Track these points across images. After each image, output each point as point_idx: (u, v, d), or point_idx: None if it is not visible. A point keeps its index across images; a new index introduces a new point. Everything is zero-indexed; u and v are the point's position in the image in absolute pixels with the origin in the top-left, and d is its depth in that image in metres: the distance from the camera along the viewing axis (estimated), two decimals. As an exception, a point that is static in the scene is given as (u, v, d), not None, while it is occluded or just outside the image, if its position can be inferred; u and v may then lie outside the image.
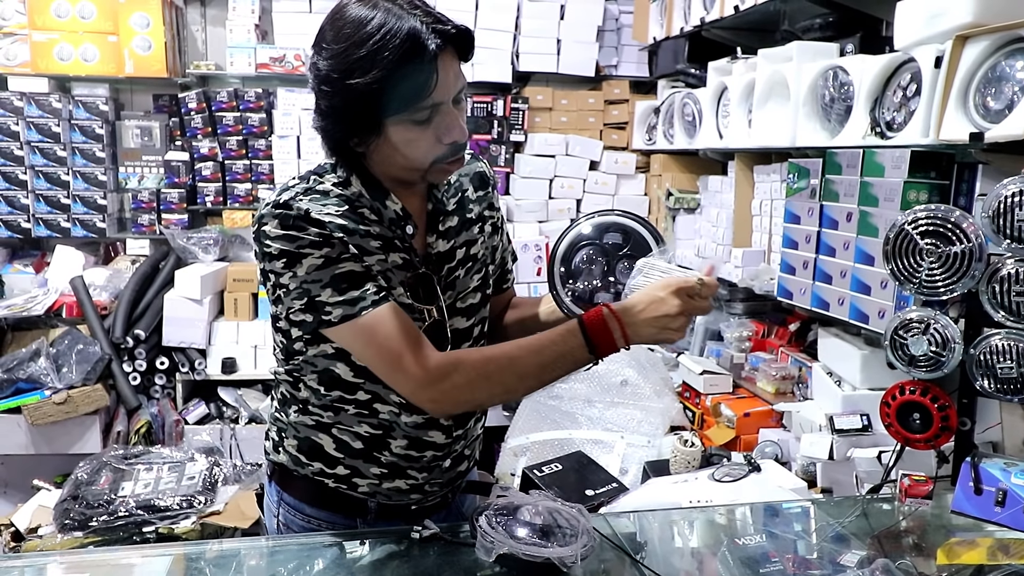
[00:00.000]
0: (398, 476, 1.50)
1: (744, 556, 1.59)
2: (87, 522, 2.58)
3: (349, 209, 1.32)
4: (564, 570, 1.30)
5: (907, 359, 1.78)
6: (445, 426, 1.48)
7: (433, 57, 1.22)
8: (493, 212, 1.56)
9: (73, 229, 3.81)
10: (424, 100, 1.24)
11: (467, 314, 1.48)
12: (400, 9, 1.22)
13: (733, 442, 2.69)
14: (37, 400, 3.15)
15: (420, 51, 1.20)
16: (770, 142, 2.72)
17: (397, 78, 1.20)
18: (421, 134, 1.27)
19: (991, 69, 1.84)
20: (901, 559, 1.59)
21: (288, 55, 3.87)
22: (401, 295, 1.36)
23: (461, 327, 1.47)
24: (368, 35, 1.20)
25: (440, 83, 1.24)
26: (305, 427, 1.48)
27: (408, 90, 1.22)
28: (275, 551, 1.55)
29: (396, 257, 1.36)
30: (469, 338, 1.49)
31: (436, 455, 1.50)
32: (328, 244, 1.28)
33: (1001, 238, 1.63)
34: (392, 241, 1.36)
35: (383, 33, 1.20)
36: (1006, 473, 1.71)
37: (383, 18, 1.21)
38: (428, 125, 1.27)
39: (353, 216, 1.32)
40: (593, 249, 1.48)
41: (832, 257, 2.39)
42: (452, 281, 1.45)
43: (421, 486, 1.52)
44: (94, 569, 1.51)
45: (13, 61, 3.74)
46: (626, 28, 4.19)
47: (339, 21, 1.24)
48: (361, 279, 1.29)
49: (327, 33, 1.26)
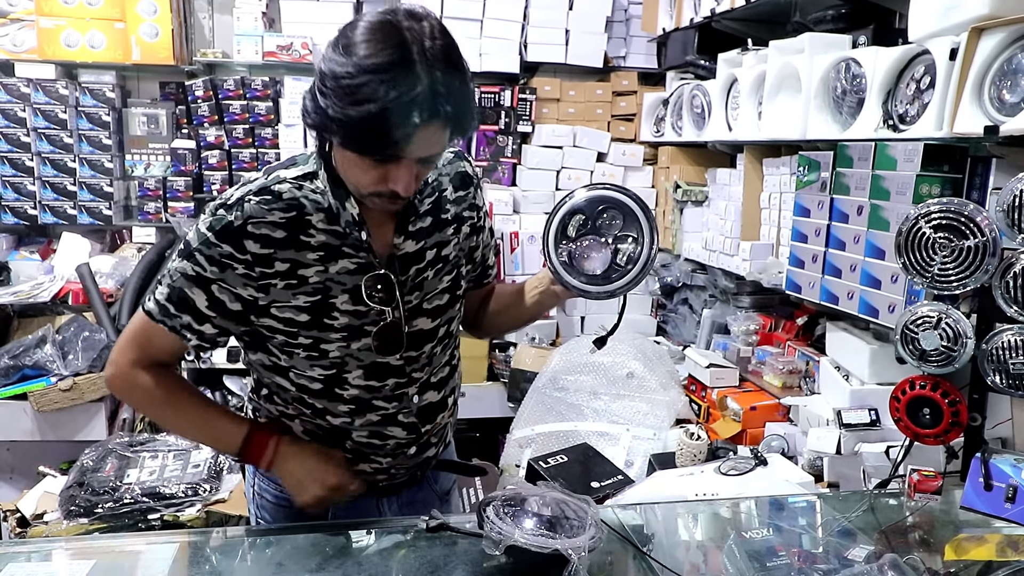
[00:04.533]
0: (363, 461, 1.53)
1: (750, 549, 1.58)
2: (92, 509, 2.59)
3: (295, 217, 1.32)
4: (572, 562, 1.29)
5: (918, 354, 1.77)
6: (406, 423, 1.51)
7: (416, 125, 1.16)
8: (473, 212, 1.54)
9: (79, 216, 3.82)
10: (389, 151, 1.20)
11: (433, 315, 1.48)
12: (425, 61, 1.15)
13: (739, 436, 2.69)
14: (43, 387, 3.15)
15: (409, 116, 1.15)
16: (780, 134, 2.71)
17: (375, 120, 1.15)
18: (371, 168, 1.24)
19: (1007, 62, 1.82)
20: (909, 555, 1.59)
21: (295, 43, 3.86)
22: (345, 302, 1.37)
23: (426, 328, 1.47)
24: (384, 66, 1.14)
25: (411, 146, 1.19)
26: (275, 410, 1.54)
27: (379, 138, 1.18)
28: (280, 540, 1.55)
29: (346, 263, 1.36)
30: (433, 339, 1.49)
31: (400, 444, 1.52)
32: (218, 265, 1.31)
33: (1015, 232, 1.62)
34: (340, 248, 1.36)
35: (397, 76, 1.14)
36: (1017, 469, 1.70)
37: (397, 62, 1.14)
38: (381, 166, 1.24)
39: (295, 226, 1.32)
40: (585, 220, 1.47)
41: (842, 251, 2.38)
42: (420, 282, 1.44)
43: (387, 469, 1.55)
44: (100, 555, 1.51)
45: (20, 47, 3.74)
46: (635, 19, 4.16)
47: (375, 32, 1.17)
48: (189, 308, 1.35)
49: (357, 31, 1.18)
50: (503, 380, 3.64)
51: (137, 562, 1.53)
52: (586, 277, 1.46)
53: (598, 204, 1.46)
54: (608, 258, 1.46)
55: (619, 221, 1.46)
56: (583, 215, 1.47)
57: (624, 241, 1.46)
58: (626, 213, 1.46)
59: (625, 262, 1.45)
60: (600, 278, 1.46)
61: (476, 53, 3.97)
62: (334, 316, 1.38)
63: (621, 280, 1.45)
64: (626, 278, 1.45)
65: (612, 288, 1.46)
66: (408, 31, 1.16)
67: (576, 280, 1.46)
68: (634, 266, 1.45)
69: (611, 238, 1.46)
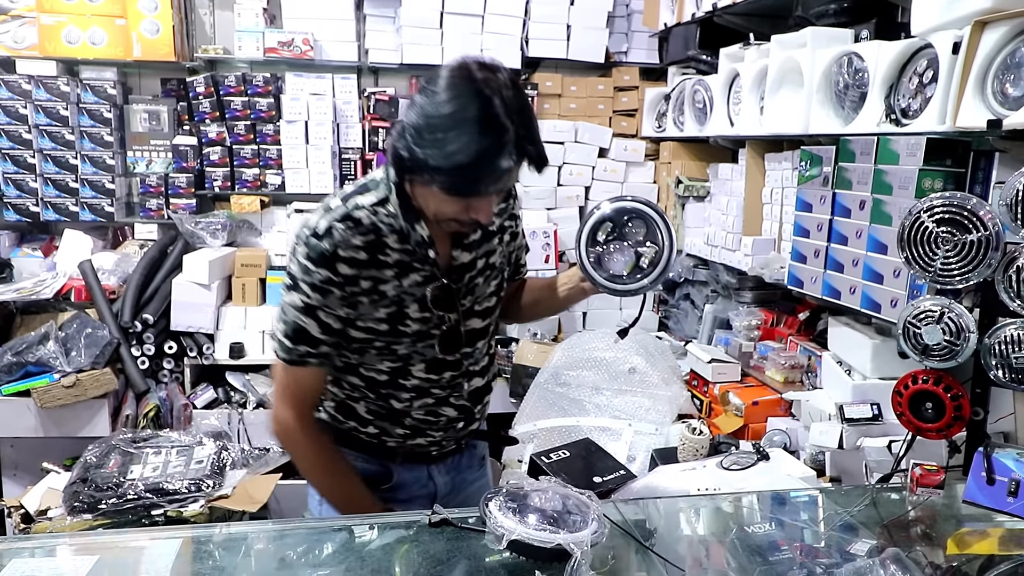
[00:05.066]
0: (419, 436, 1.70)
1: (753, 544, 1.59)
2: (96, 505, 2.59)
3: (373, 240, 1.49)
4: (575, 556, 1.29)
5: (920, 348, 1.77)
6: (458, 405, 1.70)
7: (506, 170, 1.34)
8: (513, 221, 1.73)
9: (81, 213, 3.81)
10: (476, 191, 1.38)
11: (483, 315, 1.68)
12: (507, 110, 1.30)
13: (741, 430, 2.69)
14: (46, 383, 3.16)
15: (497, 160, 1.31)
16: (782, 129, 2.70)
17: (472, 169, 1.31)
18: (456, 203, 1.41)
19: (1010, 55, 1.82)
20: (911, 549, 1.59)
21: (296, 39, 3.85)
22: (415, 311, 1.56)
23: (477, 327, 1.67)
24: (471, 119, 1.29)
25: (497, 186, 1.39)
26: (341, 394, 1.68)
27: (471, 183, 1.36)
28: (283, 535, 1.56)
29: (416, 276, 1.54)
30: (485, 335, 1.70)
31: (451, 420, 1.71)
32: (320, 292, 1.48)
33: (1019, 226, 1.61)
34: (411, 264, 1.53)
35: (483, 127, 1.29)
36: (1019, 463, 1.70)
37: (491, 112, 1.29)
38: (465, 199, 1.41)
39: (374, 248, 1.49)
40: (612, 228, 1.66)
41: (844, 245, 2.37)
42: (472, 288, 1.63)
43: (439, 441, 1.73)
44: (104, 551, 1.51)
45: (21, 44, 3.73)
46: (636, 14, 4.15)
47: (458, 87, 1.31)
48: (305, 338, 1.51)
49: (441, 87, 1.32)
50: (505, 376, 3.65)
51: (141, 558, 1.53)
52: (612, 277, 1.66)
53: (624, 214, 1.66)
54: (632, 261, 1.66)
55: (642, 229, 1.66)
56: (611, 223, 1.66)
57: (646, 246, 1.66)
58: (648, 222, 1.66)
59: (647, 265, 1.66)
60: (625, 278, 1.66)
61: (477, 48, 3.97)
62: (407, 323, 1.56)
63: (643, 280, 1.66)
64: (648, 279, 1.66)
65: (635, 287, 1.67)
66: (486, 84, 1.31)
67: (603, 279, 1.66)
68: (654, 269, 1.66)
69: (635, 244, 1.66)
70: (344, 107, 4.02)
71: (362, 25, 4.02)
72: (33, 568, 1.40)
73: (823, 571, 1.49)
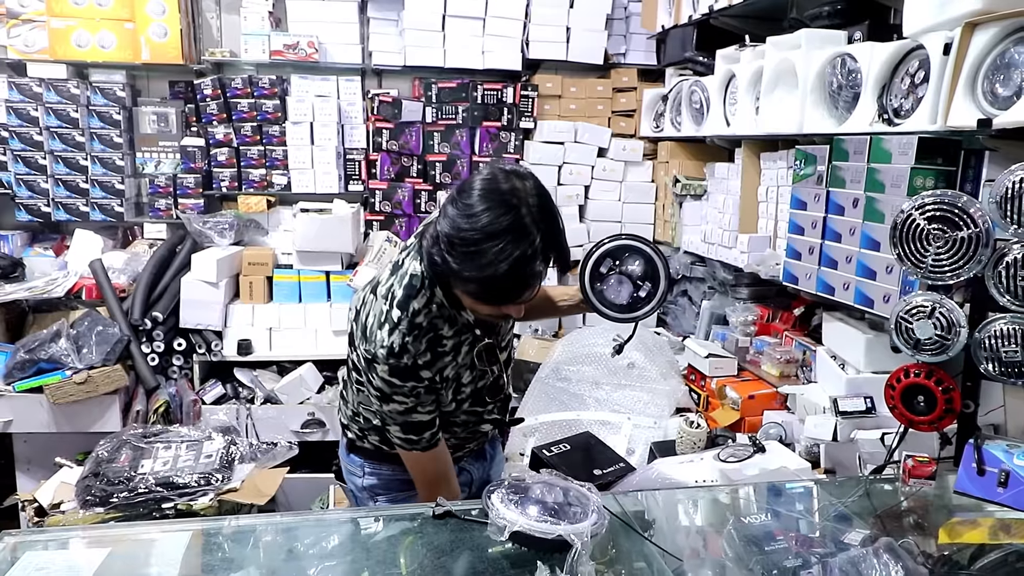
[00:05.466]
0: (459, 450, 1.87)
1: (749, 534, 1.59)
2: (108, 498, 2.60)
3: (432, 336, 1.59)
4: (575, 547, 1.30)
5: (912, 343, 1.77)
6: (491, 419, 1.87)
7: (535, 276, 1.44)
8: None
9: (92, 213, 3.82)
10: (509, 299, 1.48)
11: (506, 348, 1.86)
12: (533, 220, 1.39)
13: (738, 424, 2.70)
14: (58, 380, 3.16)
15: (528, 267, 1.40)
16: (777, 129, 2.70)
17: (502, 279, 1.40)
18: (489, 307, 1.52)
19: (1000, 56, 1.82)
20: (904, 538, 1.60)
21: (302, 42, 3.85)
22: (467, 376, 1.71)
23: (503, 358, 1.83)
24: (503, 231, 1.37)
25: (526, 293, 1.47)
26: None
27: (505, 292, 1.45)
28: (290, 527, 1.57)
29: (464, 347, 1.66)
30: (509, 364, 1.89)
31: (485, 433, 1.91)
32: (414, 397, 1.60)
33: (1008, 223, 1.62)
34: (460, 342, 1.65)
35: (514, 237, 1.37)
36: (1009, 455, 1.70)
37: (513, 226, 1.37)
38: (498, 306, 1.51)
39: (434, 343, 1.59)
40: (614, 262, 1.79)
41: (838, 243, 2.38)
42: (498, 330, 1.78)
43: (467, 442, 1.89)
44: (116, 543, 1.52)
45: (32, 47, 3.74)
46: (635, 16, 4.15)
47: (489, 200, 1.38)
48: (422, 427, 1.65)
49: (474, 199, 1.39)
50: (507, 371, 3.65)
51: (152, 550, 1.54)
52: (612, 305, 1.78)
53: (625, 251, 1.77)
54: (630, 292, 1.77)
55: (640, 264, 1.77)
56: (612, 258, 1.78)
57: (643, 280, 1.77)
58: (646, 259, 1.77)
59: (644, 296, 1.77)
60: (624, 307, 1.78)
61: (479, 51, 3.97)
62: (462, 390, 1.73)
63: (638, 311, 1.78)
64: (643, 310, 1.78)
65: (631, 316, 1.79)
66: (513, 194, 1.39)
67: (604, 307, 1.78)
68: (650, 301, 1.77)
69: (633, 277, 1.77)
70: (348, 109, 4.02)
71: (366, 28, 4.02)
72: (47, 560, 1.41)
73: (818, 560, 1.50)
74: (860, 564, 1.45)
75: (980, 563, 1.57)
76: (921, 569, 1.49)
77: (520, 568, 1.33)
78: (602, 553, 1.42)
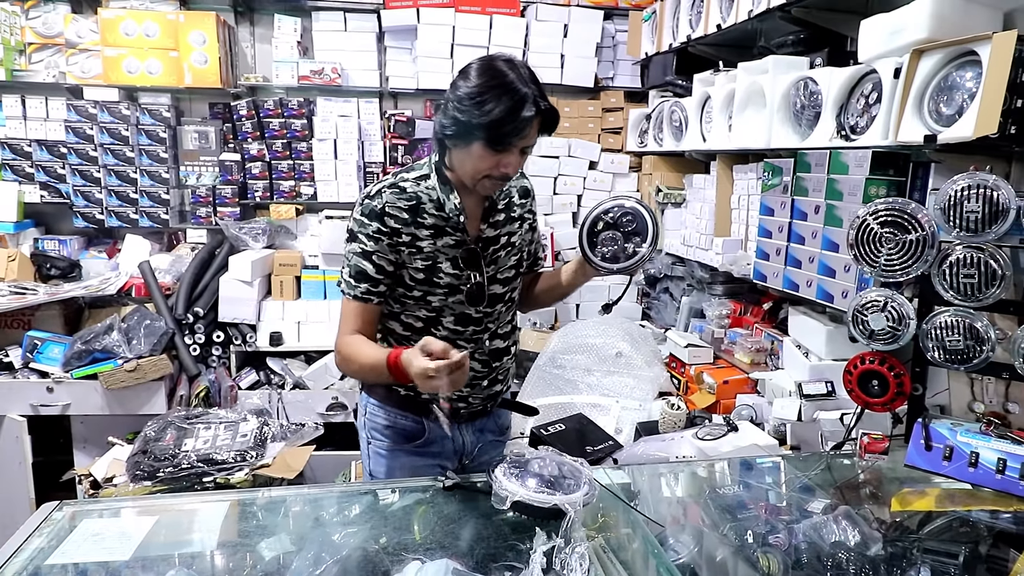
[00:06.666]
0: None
1: (723, 504, 1.60)
2: (155, 473, 2.61)
3: (414, 204, 1.62)
4: (569, 514, 1.30)
5: (867, 333, 1.78)
6: (481, 360, 1.76)
7: (528, 120, 1.48)
8: (531, 215, 1.86)
9: (140, 220, 3.82)
10: (508, 141, 1.51)
11: (503, 283, 1.77)
12: (523, 81, 1.49)
13: (714, 406, 2.69)
14: (111, 368, 3.17)
15: (521, 111, 1.47)
16: (748, 144, 2.70)
17: (503, 121, 1.47)
18: (491, 158, 1.53)
19: (943, 79, 1.82)
20: (860, 507, 1.60)
21: (326, 68, 3.85)
22: (447, 268, 1.65)
23: (498, 292, 1.75)
24: (498, 85, 1.47)
25: (523, 136, 1.51)
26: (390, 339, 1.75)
27: (504, 132, 1.49)
28: (316, 498, 1.57)
29: (448, 239, 1.65)
30: (503, 300, 1.78)
31: (476, 376, 1.76)
32: (373, 240, 1.61)
33: (951, 227, 1.62)
34: (445, 228, 1.64)
35: (507, 89, 1.47)
36: (952, 432, 1.70)
37: (511, 80, 1.48)
38: (497, 155, 1.53)
39: (414, 211, 1.62)
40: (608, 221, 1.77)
41: (802, 245, 2.37)
42: (495, 258, 1.73)
43: (467, 397, 1.79)
44: (162, 512, 1.53)
45: (88, 74, 3.74)
46: (621, 44, 4.15)
47: (485, 68, 1.50)
48: (365, 277, 1.63)
49: (472, 70, 1.51)
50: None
51: (194, 518, 1.54)
52: (606, 259, 1.76)
53: (619, 210, 1.77)
54: (622, 247, 1.75)
55: (632, 223, 1.75)
56: (608, 216, 1.77)
57: (635, 236, 1.75)
58: (638, 217, 1.75)
59: (633, 251, 1.75)
60: (616, 261, 1.76)
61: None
62: (440, 277, 1.66)
63: (630, 262, 1.75)
64: (633, 260, 1.75)
65: (624, 267, 1.75)
66: (506, 64, 1.50)
67: (599, 260, 1.76)
68: (640, 254, 1.74)
69: (626, 234, 1.76)
70: (368, 127, 4.02)
71: (383, 56, 4.02)
72: (101, 527, 1.42)
73: (784, 526, 1.51)
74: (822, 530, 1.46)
75: (928, 528, 1.57)
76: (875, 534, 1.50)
77: (520, 533, 1.34)
78: (593, 520, 1.42)
